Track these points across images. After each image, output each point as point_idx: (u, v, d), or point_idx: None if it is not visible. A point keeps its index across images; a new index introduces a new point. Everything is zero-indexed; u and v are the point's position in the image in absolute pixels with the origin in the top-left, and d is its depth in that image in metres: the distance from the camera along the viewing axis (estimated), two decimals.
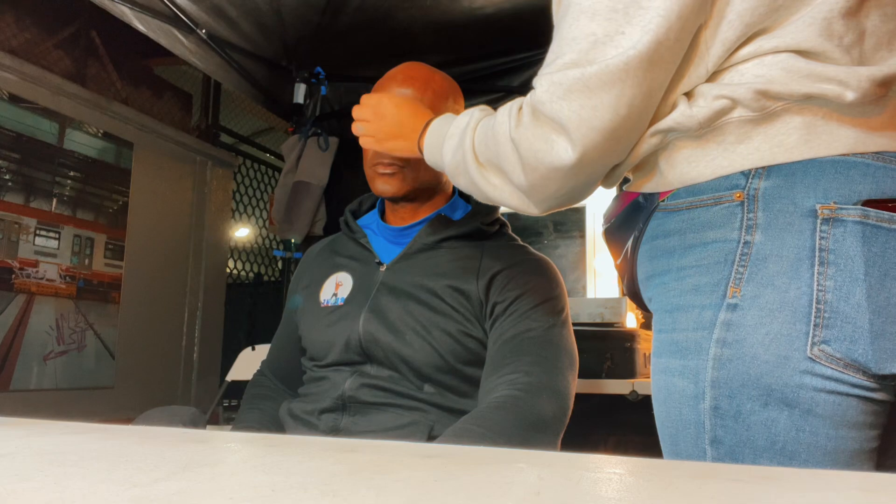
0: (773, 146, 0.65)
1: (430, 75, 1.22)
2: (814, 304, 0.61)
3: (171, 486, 0.35)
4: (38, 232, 2.55)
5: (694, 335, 0.66)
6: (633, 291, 0.81)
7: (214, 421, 2.72)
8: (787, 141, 0.64)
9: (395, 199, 1.22)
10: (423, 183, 1.20)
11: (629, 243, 0.78)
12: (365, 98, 1.05)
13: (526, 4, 2.23)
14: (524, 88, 2.64)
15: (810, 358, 0.60)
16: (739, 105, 0.65)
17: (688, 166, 0.69)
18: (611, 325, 1.81)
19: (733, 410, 0.63)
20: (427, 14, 2.32)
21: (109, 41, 2.90)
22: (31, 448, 0.47)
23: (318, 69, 2.70)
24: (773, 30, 0.65)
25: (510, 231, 1.27)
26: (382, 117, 1.01)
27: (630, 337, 1.77)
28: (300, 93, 2.73)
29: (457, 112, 1.24)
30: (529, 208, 0.77)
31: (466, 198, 1.30)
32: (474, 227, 1.20)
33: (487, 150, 0.77)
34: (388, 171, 1.17)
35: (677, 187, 0.71)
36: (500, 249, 1.20)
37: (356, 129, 1.04)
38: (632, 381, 1.67)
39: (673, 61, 0.65)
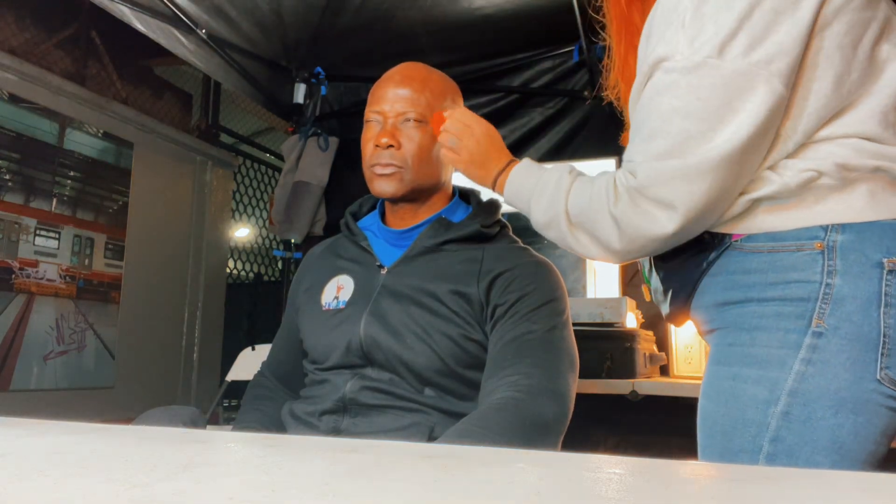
0: (846, 207, 0.79)
1: (428, 75, 1.22)
2: (881, 337, 0.76)
3: (171, 486, 0.35)
4: (38, 232, 2.55)
5: (777, 352, 0.79)
6: (681, 310, 0.94)
7: (214, 421, 2.72)
8: (856, 204, 0.79)
9: (393, 200, 1.22)
10: (422, 184, 1.20)
11: (692, 272, 0.89)
12: (460, 113, 1.11)
13: (526, 4, 2.23)
14: (524, 88, 2.65)
15: (878, 380, 0.76)
16: (824, 175, 0.79)
17: (771, 216, 0.82)
18: (611, 325, 1.81)
19: (805, 416, 0.77)
20: (427, 14, 2.32)
21: (109, 41, 2.90)
22: (31, 448, 0.47)
23: (318, 69, 2.70)
24: (843, 117, 0.80)
25: (511, 233, 1.27)
26: (472, 139, 1.08)
27: (630, 337, 1.76)
28: (300, 93, 2.73)
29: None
30: (612, 260, 0.92)
31: (467, 199, 1.30)
32: (475, 229, 1.20)
33: (581, 216, 0.90)
34: (386, 171, 1.17)
35: (757, 233, 0.83)
36: (500, 251, 1.19)
37: (444, 139, 1.10)
38: (632, 381, 1.66)
39: (759, 153, 0.80)
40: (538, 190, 0.96)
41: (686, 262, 0.90)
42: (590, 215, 0.88)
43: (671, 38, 0.79)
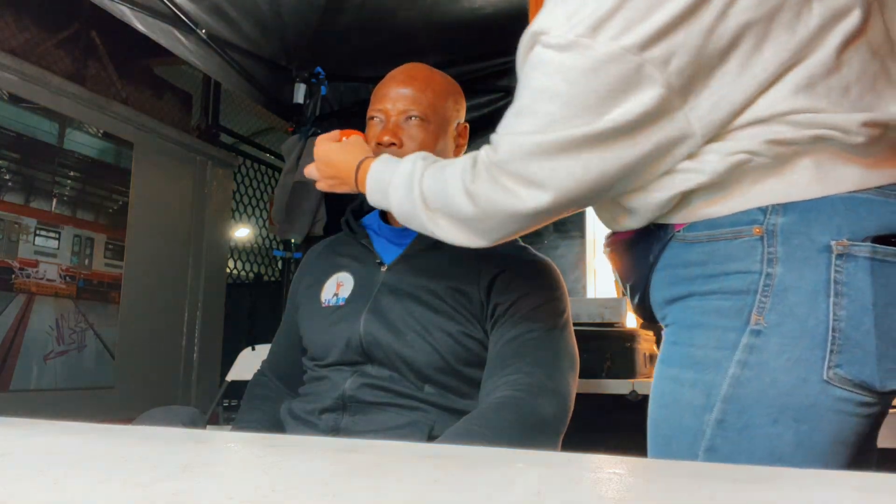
0: (788, 185, 0.71)
1: (431, 75, 1.22)
2: (830, 332, 0.68)
3: (171, 486, 0.35)
4: (38, 232, 2.55)
5: (714, 353, 0.72)
6: (642, 307, 0.86)
7: (214, 421, 2.72)
8: (800, 180, 0.70)
9: None
10: None
11: (642, 267, 0.83)
12: (315, 148, 1.15)
13: (526, 4, 2.22)
14: None
15: (825, 381, 0.68)
16: (756, 155, 0.71)
17: (706, 203, 0.75)
18: (611, 325, 1.81)
19: (740, 424, 0.70)
20: (427, 14, 2.32)
21: (109, 41, 2.90)
22: (31, 448, 0.47)
23: (318, 69, 2.70)
24: (766, 95, 0.70)
25: None
26: (323, 162, 1.11)
27: (630, 337, 1.76)
28: (300, 93, 2.73)
29: (457, 113, 1.24)
30: (478, 243, 0.85)
31: None
32: None
33: (437, 199, 0.85)
34: None
35: (696, 221, 0.76)
36: (501, 251, 1.19)
37: (309, 173, 1.16)
38: (632, 380, 1.66)
39: (642, 142, 0.71)
40: (395, 181, 0.92)
41: (636, 256, 0.84)
42: (446, 197, 0.83)
43: (552, 11, 0.72)
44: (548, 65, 0.71)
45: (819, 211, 0.69)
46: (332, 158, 1.09)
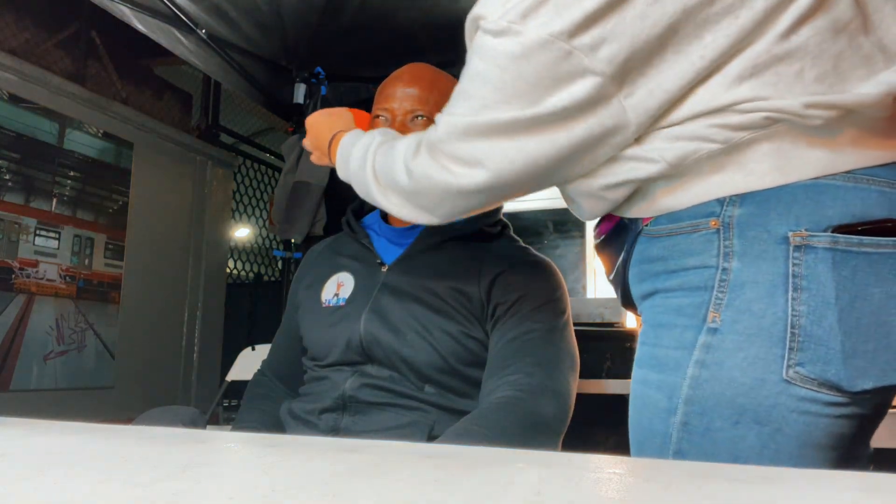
0: (746, 174, 0.67)
1: (437, 76, 1.22)
2: (788, 328, 0.64)
3: (171, 486, 0.35)
4: (38, 232, 2.55)
5: (675, 353, 0.70)
6: (627, 303, 0.85)
7: (214, 421, 2.72)
8: (759, 168, 0.67)
9: None
10: None
11: (619, 263, 0.82)
12: (307, 118, 1.16)
13: None
14: None
15: (786, 380, 0.64)
16: (705, 141, 0.67)
17: (666, 195, 0.72)
18: (611, 325, 1.81)
19: (702, 427, 0.67)
20: (427, 14, 2.32)
21: (109, 41, 2.90)
22: (31, 448, 0.47)
23: (318, 69, 2.70)
24: (700, 91, 0.67)
25: (511, 232, 1.27)
26: (310, 133, 1.13)
27: (630, 337, 1.77)
28: (300, 93, 2.73)
29: None
30: (429, 219, 0.85)
31: None
32: (476, 228, 1.20)
33: (383, 174, 0.87)
34: None
35: (657, 215, 0.74)
36: (501, 251, 1.20)
37: (305, 144, 1.16)
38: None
39: (566, 132, 0.69)
40: (353, 156, 0.93)
41: (614, 251, 0.83)
42: (391, 172, 0.85)
43: None
44: (484, 50, 0.71)
45: (777, 200, 0.66)
46: (315, 128, 1.12)
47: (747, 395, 0.65)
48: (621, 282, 0.82)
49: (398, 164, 0.83)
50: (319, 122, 1.12)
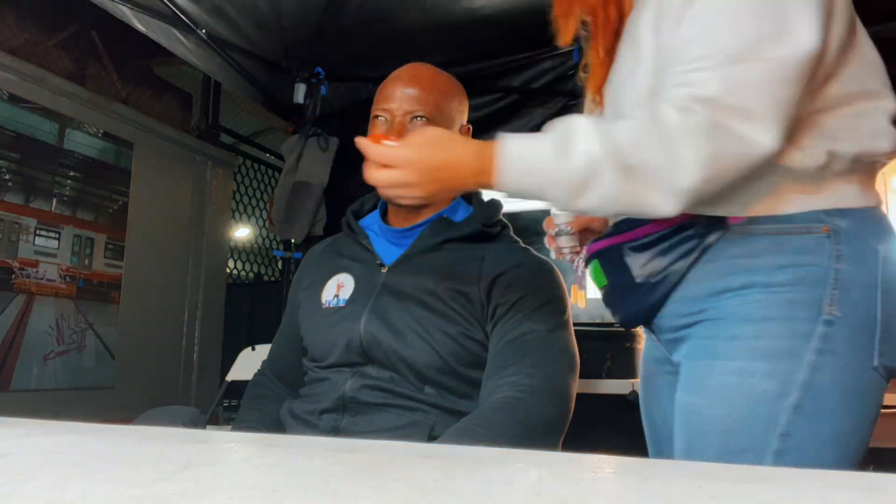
0: (846, 193, 0.80)
1: (436, 76, 1.22)
2: (878, 324, 0.77)
3: (171, 486, 0.35)
4: (38, 232, 2.55)
5: (790, 342, 0.78)
6: (656, 305, 0.88)
7: (214, 421, 2.72)
8: (853, 190, 0.81)
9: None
10: None
11: (673, 262, 0.85)
12: (378, 154, 0.83)
13: (526, 4, 2.22)
14: (525, 88, 2.64)
15: (874, 368, 0.78)
16: (836, 158, 0.79)
17: (774, 197, 0.80)
18: (611, 325, 1.81)
19: (816, 409, 0.76)
20: (427, 14, 2.31)
21: (109, 41, 2.90)
22: (31, 448, 0.47)
23: (318, 69, 2.70)
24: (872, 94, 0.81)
25: (511, 233, 1.27)
26: (418, 167, 0.82)
27: (630, 337, 1.77)
28: (300, 93, 2.73)
29: (461, 114, 1.24)
30: (669, 208, 0.74)
31: (468, 199, 1.30)
32: (476, 229, 1.20)
33: (638, 152, 0.72)
34: None
35: (761, 215, 0.81)
36: (502, 251, 1.19)
37: (379, 185, 0.85)
38: (632, 381, 1.66)
39: (813, 78, 0.76)
40: (562, 150, 0.74)
41: (672, 248, 0.85)
42: (653, 148, 0.71)
43: None
44: None
45: (866, 219, 0.81)
46: (432, 158, 0.81)
47: (855, 380, 0.77)
48: (678, 278, 0.85)
49: (671, 138, 0.71)
50: (429, 151, 0.82)
